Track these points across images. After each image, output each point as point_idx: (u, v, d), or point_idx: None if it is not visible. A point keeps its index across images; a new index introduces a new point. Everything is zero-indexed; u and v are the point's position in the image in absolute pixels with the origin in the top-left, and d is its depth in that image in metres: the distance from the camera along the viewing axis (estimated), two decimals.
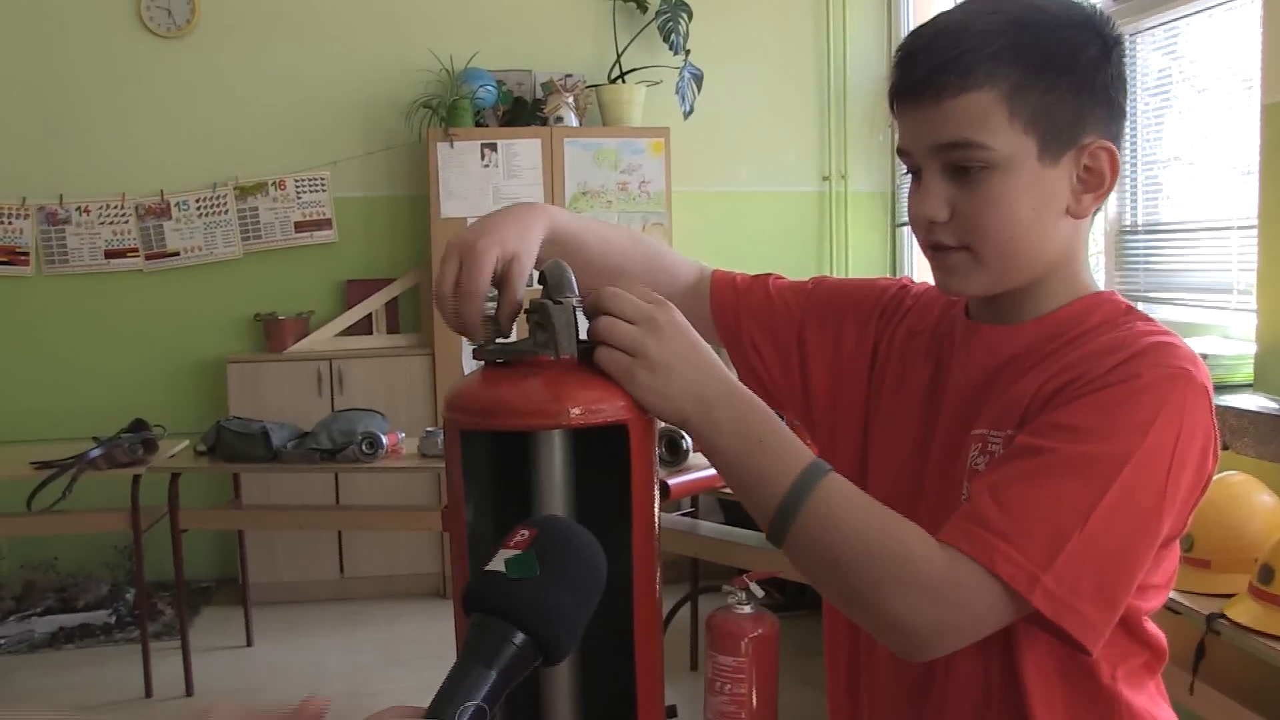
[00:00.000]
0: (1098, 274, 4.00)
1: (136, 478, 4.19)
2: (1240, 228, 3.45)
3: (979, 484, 1.03)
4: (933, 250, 1.14)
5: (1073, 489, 0.99)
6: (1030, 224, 1.09)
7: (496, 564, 0.80)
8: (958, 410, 1.17)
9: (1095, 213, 1.16)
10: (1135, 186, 4.11)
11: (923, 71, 1.08)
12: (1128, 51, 1.13)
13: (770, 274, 1.40)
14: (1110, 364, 1.04)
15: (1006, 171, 1.07)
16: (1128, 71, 1.13)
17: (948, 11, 1.12)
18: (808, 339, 1.32)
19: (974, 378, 1.17)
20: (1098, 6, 1.13)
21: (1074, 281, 1.16)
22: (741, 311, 1.36)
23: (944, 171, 1.10)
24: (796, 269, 2.40)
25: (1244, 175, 3.45)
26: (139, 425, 4.40)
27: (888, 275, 1.18)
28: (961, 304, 1.23)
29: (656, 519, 1.03)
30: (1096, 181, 1.10)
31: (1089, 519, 0.98)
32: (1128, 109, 1.14)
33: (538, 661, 0.78)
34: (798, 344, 1.33)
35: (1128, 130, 1.21)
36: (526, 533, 0.81)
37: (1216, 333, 3.56)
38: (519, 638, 0.77)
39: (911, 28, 1.21)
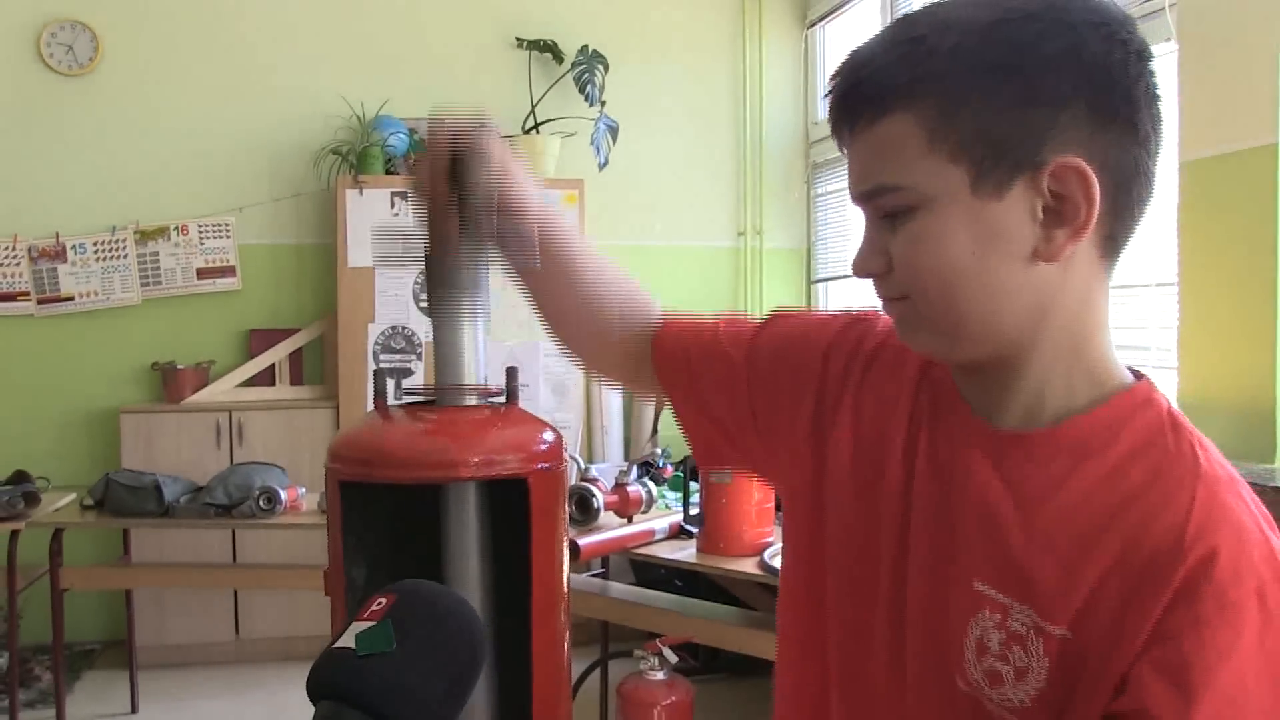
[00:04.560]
0: None
1: (14, 533, 3.95)
2: (1158, 285, 3.45)
3: None
4: (883, 304, 0.97)
5: None
6: (972, 269, 0.86)
7: (346, 639, 0.68)
8: (944, 529, 0.94)
9: (1110, 262, 0.90)
10: None
11: (837, 105, 0.92)
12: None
13: (721, 322, 1.26)
14: (1188, 580, 0.80)
15: (932, 210, 0.86)
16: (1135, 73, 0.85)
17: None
18: (758, 406, 1.15)
19: (969, 496, 0.93)
20: None
21: (1086, 361, 0.90)
22: (697, 381, 1.22)
23: (877, 216, 0.91)
24: None
25: (1157, 233, 3.45)
26: (20, 477, 4.16)
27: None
28: (942, 365, 0.99)
29: (564, 584, 0.92)
30: (1071, 212, 0.84)
31: None
32: (1146, 114, 0.86)
33: None
34: (750, 413, 1.16)
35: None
36: (383, 600, 0.70)
37: None
38: None
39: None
